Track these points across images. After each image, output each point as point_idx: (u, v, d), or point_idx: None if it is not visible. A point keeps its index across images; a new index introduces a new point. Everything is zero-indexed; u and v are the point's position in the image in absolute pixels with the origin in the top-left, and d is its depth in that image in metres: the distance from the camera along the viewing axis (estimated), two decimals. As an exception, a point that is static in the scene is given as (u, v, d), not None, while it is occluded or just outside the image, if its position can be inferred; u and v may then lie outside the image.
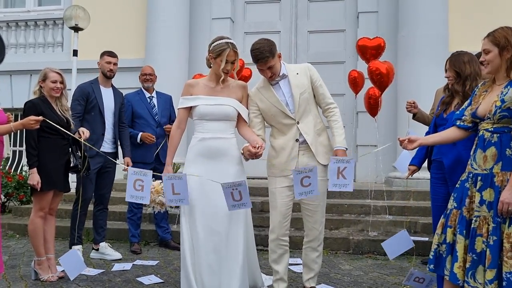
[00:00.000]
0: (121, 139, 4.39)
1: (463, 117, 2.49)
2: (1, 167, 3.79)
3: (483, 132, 2.35)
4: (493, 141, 2.30)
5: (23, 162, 7.23)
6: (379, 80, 4.95)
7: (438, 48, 5.83)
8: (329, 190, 2.91)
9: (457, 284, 2.33)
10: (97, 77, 4.37)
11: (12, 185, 6.13)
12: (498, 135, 2.29)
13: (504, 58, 2.32)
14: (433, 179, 3.06)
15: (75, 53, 6.33)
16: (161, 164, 4.38)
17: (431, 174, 3.09)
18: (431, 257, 2.48)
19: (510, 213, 2.18)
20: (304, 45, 7.12)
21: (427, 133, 3.08)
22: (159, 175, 2.95)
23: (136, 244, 4.59)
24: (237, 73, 4.56)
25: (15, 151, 7.61)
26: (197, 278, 2.85)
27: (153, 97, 4.74)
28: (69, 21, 6.19)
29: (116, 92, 4.40)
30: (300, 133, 3.01)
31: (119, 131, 4.37)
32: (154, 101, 4.74)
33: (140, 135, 4.54)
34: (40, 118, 3.23)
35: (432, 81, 5.08)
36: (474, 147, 2.41)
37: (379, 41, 5.10)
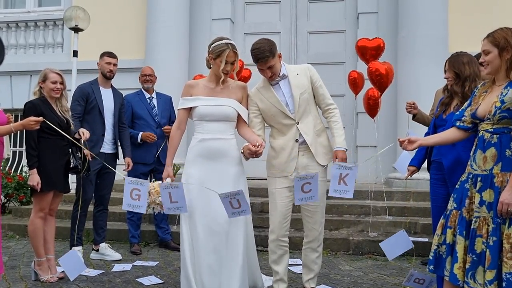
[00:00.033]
0: (121, 140, 4.40)
1: (463, 118, 2.49)
2: (1, 168, 3.79)
3: (482, 133, 2.35)
4: (493, 142, 2.30)
5: (23, 162, 7.22)
6: (379, 81, 4.95)
7: (438, 49, 5.82)
8: (329, 195, 2.90)
9: (457, 285, 2.33)
10: (97, 77, 4.37)
11: (12, 185, 6.13)
12: (498, 135, 2.29)
13: (503, 59, 2.32)
14: (432, 180, 3.06)
15: (75, 53, 6.32)
16: (161, 165, 4.40)
17: (430, 175, 3.10)
18: (431, 257, 2.48)
19: (510, 213, 2.18)
20: (304, 45, 7.11)
21: (427, 134, 3.08)
22: (160, 176, 2.95)
23: (136, 245, 4.60)
24: (237, 74, 4.56)
25: (15, 151, 7.61)
26: (197, 279, 2.85)
27: (153, 97, 4.75)
28: (69, 21, 6.19)
29: (116, 93, 4.40)
30: (300, 134, 3.01)
31: (119, 131, 4.37)
32: (154, 101, 4.74)
33: (141, 134, 4.54)
34: (40, 118, 3.22)
35: (432, 81, 5.07)
36: (473, 147, 2.41)
37: (378, 41, 5.10)
